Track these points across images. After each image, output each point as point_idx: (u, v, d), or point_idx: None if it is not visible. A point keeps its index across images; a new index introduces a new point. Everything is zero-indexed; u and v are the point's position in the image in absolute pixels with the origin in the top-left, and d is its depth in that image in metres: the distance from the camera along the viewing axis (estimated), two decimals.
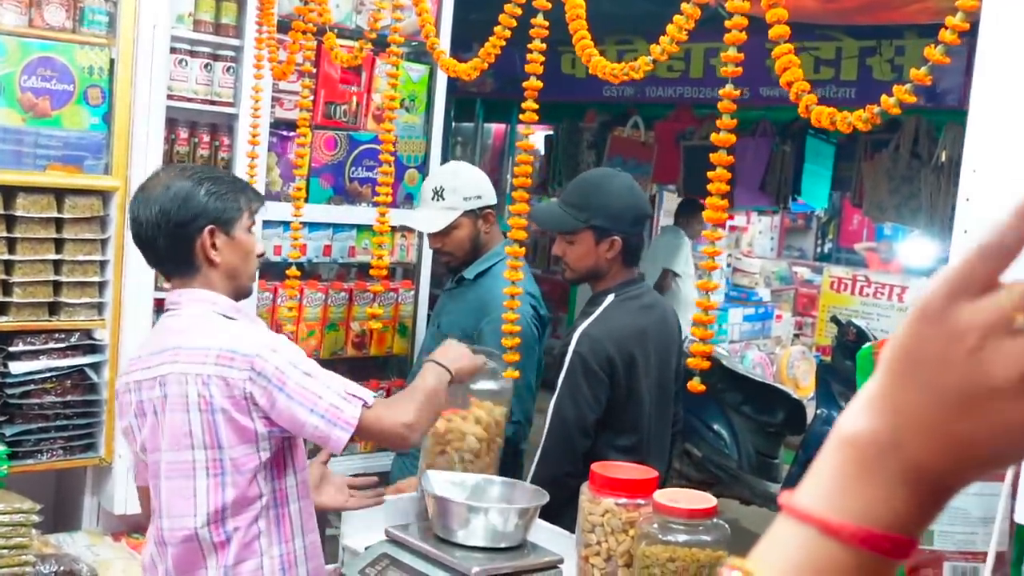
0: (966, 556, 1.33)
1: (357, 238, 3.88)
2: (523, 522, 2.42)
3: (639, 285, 3.15)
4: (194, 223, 2.26)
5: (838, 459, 0.63)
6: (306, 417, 2.16)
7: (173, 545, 2.24)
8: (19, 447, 3.15)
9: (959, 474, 0.60)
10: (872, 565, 0.61)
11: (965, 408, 0.57)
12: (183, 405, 2.19)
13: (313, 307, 3.80)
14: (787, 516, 0.63)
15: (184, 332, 2.25)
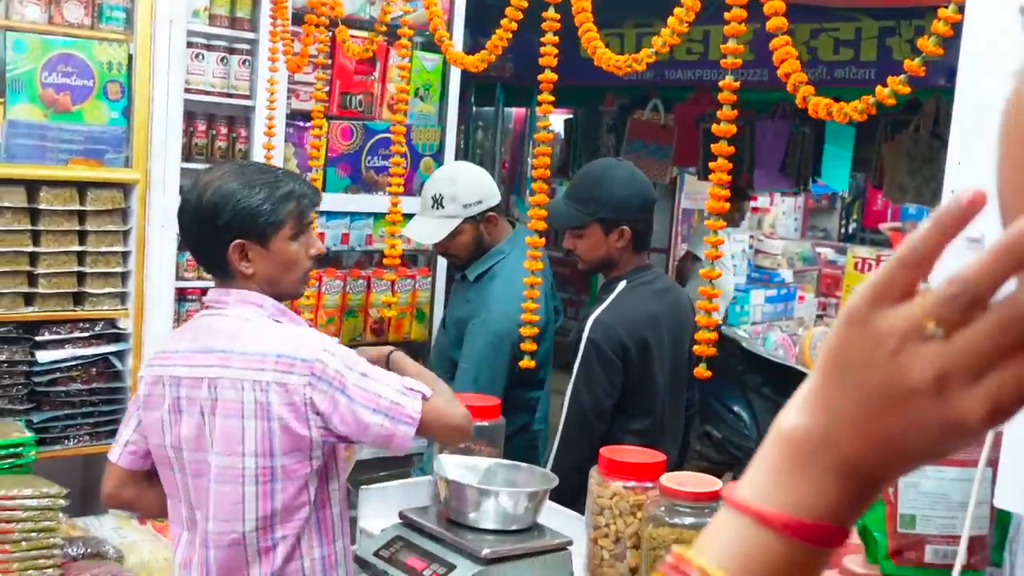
0: (947, 539, 1.37)
1: (374, 226, 3.93)
2: (533, 505, 2.47)
3: (651, 271, 3.19)
4: (224, 234, 2.23)
5: (775, 454, 0.66)
6: (370, 417, 2.15)
7: (219, 548, 2.23)
8: (46, 433, 3.24)
9: (886, 468, 0.64)
10: (803, 554, 0.64)
11: (887, 407, 0.61)
12: (238, 411, 2.17)
13: (332, 294, 3.87)
14: (727, 507, 0.67)
15: (236, 337, 2.22)
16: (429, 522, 2.48)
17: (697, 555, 0.66)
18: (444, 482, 2.50)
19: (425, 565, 2.36)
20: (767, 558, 0.65)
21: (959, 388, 0.59)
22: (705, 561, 0.66)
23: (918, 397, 0.60)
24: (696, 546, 0.68)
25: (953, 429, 0.60)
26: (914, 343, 0.60)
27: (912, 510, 1.37)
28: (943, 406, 0.59)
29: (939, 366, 0.59)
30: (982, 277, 0.58)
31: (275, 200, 2.26)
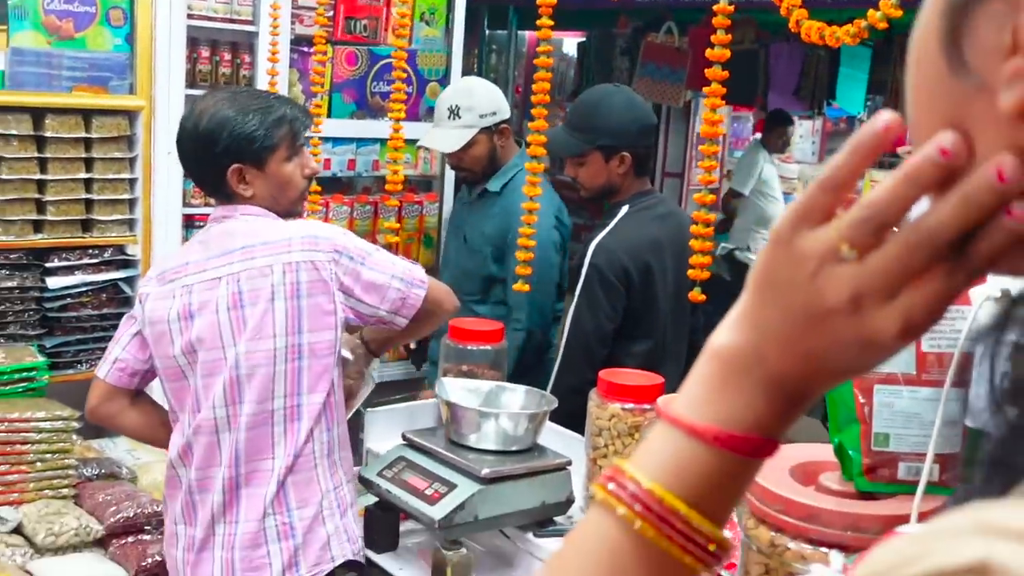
0: (919, 457, 1.40)
1: (381, 152, 3.94)
2: (533, 426, 2.52)
3: (653, 195, 3.20)
4: (221, 159, 2.33)
5: (707, 370, 0.69)
6: (388, 281, 2.35)
7: (249, 429, 2.33)
8: (59, 358, 3.30)
9: (810, 384, 0.66)
10: (733, 465, 0.67)
11: (810, 326, 0.63)
12: (268, 295, 2.29)
13: (339, 220, 3.89)
14: (662, 421, 0.70)
15: (253, 233, 2.34)
16: (431, 443, 2.53)
17: (632, 467, 0.69)
18: (446, 404, 2.54)
19: (427, 484, 2.42)
20: (699, 469, 0.67)
21: (873, 307, 0.61)
22: (639, 472, 0.68)
23: (835, 316, 0.62)
24: (632, 459, 0.70)
25: (869, 346, 0.62)
26: (831, 264, 0.62)
27: (886, 429, 1.39)
28: (859, 325, 0.61)
29: (853, 287, 0.61)
30: (891, 200, 0.60)
31: (268, 124, 2.35)
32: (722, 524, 0.68)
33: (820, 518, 1.38)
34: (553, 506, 2.47)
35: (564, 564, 0.71)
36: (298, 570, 2.36)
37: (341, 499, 2.43)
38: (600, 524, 0.69)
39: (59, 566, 2.69)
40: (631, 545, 0.67)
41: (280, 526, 2.35)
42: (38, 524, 2.75)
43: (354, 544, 2.44)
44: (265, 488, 2.34)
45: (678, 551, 0.67)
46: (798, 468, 1.51)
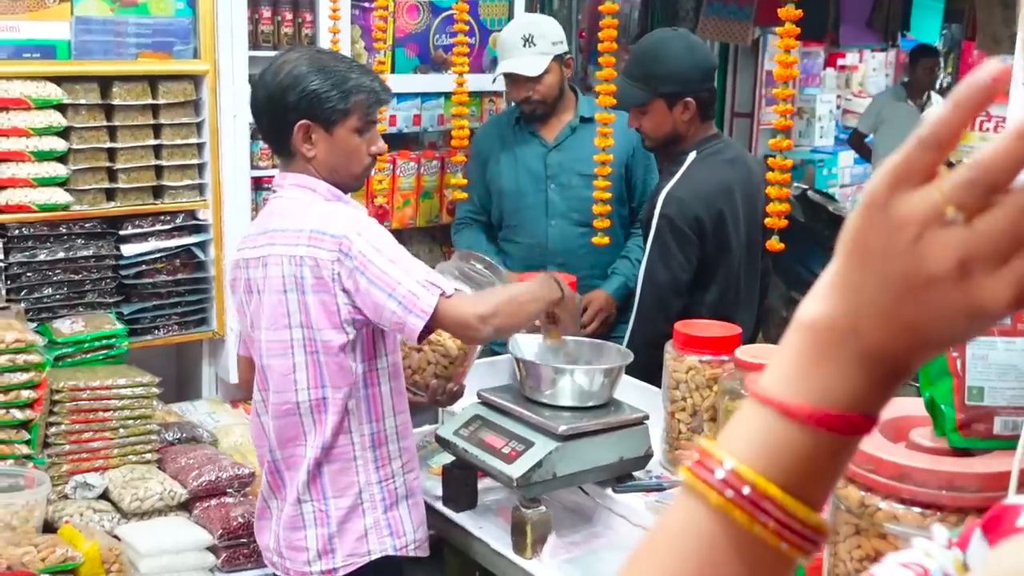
0: (1016, 411, 1.34)
1: (445, 106, 3.90)
2: (609, 381, 2.49)
3: (720, 140, 3.12)
4: (291, 114, 2.30)
5: (797, 344, 0.64)
6: (384, 301, 2.19)
7: (277, 418, 2.36)
8: (137, 324, 3.34)
9: (911, 355, 0.62)
10: (830, 445, 0.63)
11: (911, 296, 0.59)
12: (280, 286, 2.28)
13: (407, 176, 3.87)
14: (751, 400, 0.65)
15: (283, 215, 2.32)
16: (507, 401, 2.51)
17: (722, 450, 0.65)
18: (520, 362, 2.52)
19: (504, 442, 2.41)
20: (793, 451, 0.63)
21: (981, 274, 0.56)
22: (729, 456, 0.64)
23: (940, 285, 0.58)
24: (721, 440, 0.66)
25: (976, 316, 0.58)
26: (934, 229, 0.57)
27: (980, 382, 1.34)
28: (966, 293, 0.57)
29: (960, 252, 0.56)
30: (1001, 160, 0.55)
31: (346, 89, 2.32)
32: (819, 508, 0.64)
33: (912, 477, 1.33)
34: (631, 461, 2.45)
35: (654, 552, 0.67)
36: (333, 558, 2.37)
37: (389, 492, 2.40)
38: (691, 511, 0.65)
39: (146, 530, 2.74)
40: (724, 533, 0.64)
41: (317, 512, 2.37)
42: (123, 489, 2.80)
43: (399, 538, 2.41)
44: (299, 473, 2.36)
45: (774, 539, 0.63)
46: (888, 424, 1.46)
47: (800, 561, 0.65)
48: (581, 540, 2.42)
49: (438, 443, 2.62)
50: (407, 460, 2.45)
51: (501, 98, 4.01)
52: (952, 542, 0.83)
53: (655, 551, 0.67)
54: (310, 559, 2.39)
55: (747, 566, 0.64)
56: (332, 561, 2.38)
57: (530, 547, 2.34)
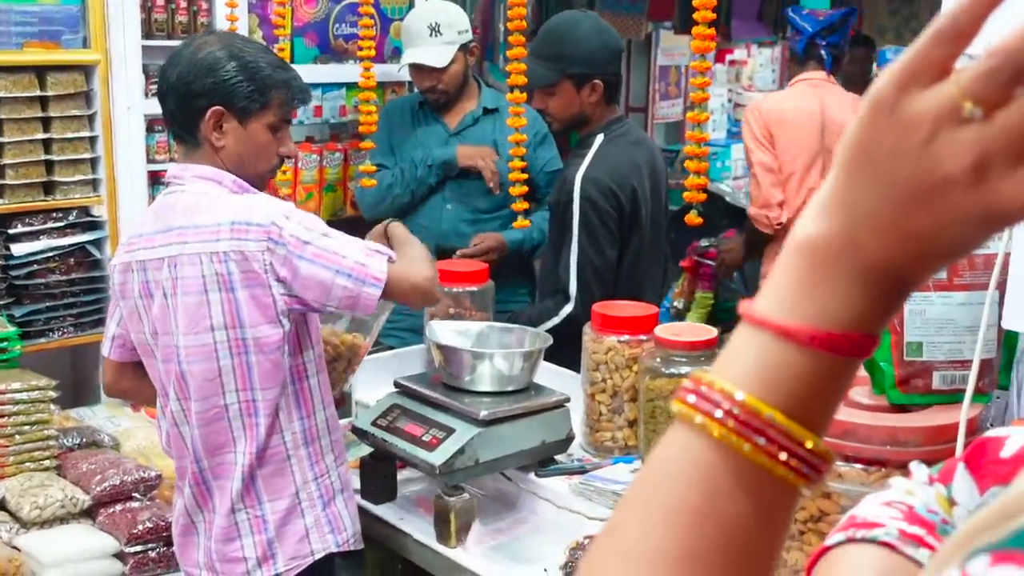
0: (954, 365, 1.34)
1: (347, 96, 3.83)
2: (528, 365, 2.46)
3: (624, 123, 3.12)
4: (203, 98, 2.18)
5: (794, 264, 0.61)
6: (332, 279, 2.09)
7: (202, 426, 2.22)
8: (30, 327, 3.19)
9: (916, 268, 0.59)
10: (831, 367, 0.59)
11: (920, 201, 0.56)
12: (199, 287, 2.14)
13: (309, 169, 3.79)
14: (746, 325, 0.62)
15: (191, 211, 2.17)
16: (425, 388, 2.46)
17: (716, 377, 0.61)
18: (438, 348, 2.47)
19: (424, 430, 2.36)
20: (794, 375, 0.59)
21: (1001, 173, 0.53)
22: (727, 383, 0.60)
23: (954, 187, 0.54)
24: (715, 368, 0.62)
25: (993, 218, 0.55)
26: (950, 127, 0.54)
27: (919, 337, 1.34)
28: (983, 194, 0.54)
29: (978, 150, 0.53)
30: None
31: (267, 82, 2.21)
32: (823, 433, 0.61)
33: (856, 434, 1.32)
34: (553, 444, 2.42)
35: (648, 493, 0.62)
36: (275, 563, 2.27)
37: (325, 488, 2.31)
38: (686, 444, 0.61)
39: (48, 539, 2.61)
40: (724, 464, 0.59)
41: (252, 520, 2.25)
42: (22, 498, 2.66)
43: (340, 534, 2.33)
44: (231, 482, 2.24)
45: (781, 468, 0.59)
46: None
47: (805, 491, 0.61)
48: (506, 526, 2.38)
49: (354, 435, 2.56)
50: (339, 453, 2.37)
51: (404, 88, 3.95)
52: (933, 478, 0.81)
53: (649, 492, 0.62)
54: (249, 568, 2.27)
55: (752, 500, 0.60)
56: (274, 567, 2.27)
57: (454, 535, 2.29)
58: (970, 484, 0.77)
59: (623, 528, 0.63)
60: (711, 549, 0.60)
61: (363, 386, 2.86)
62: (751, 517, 0.60)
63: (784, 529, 0.63)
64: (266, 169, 2.29)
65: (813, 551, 0.80)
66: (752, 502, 0.60)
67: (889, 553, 0.75)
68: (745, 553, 0.60)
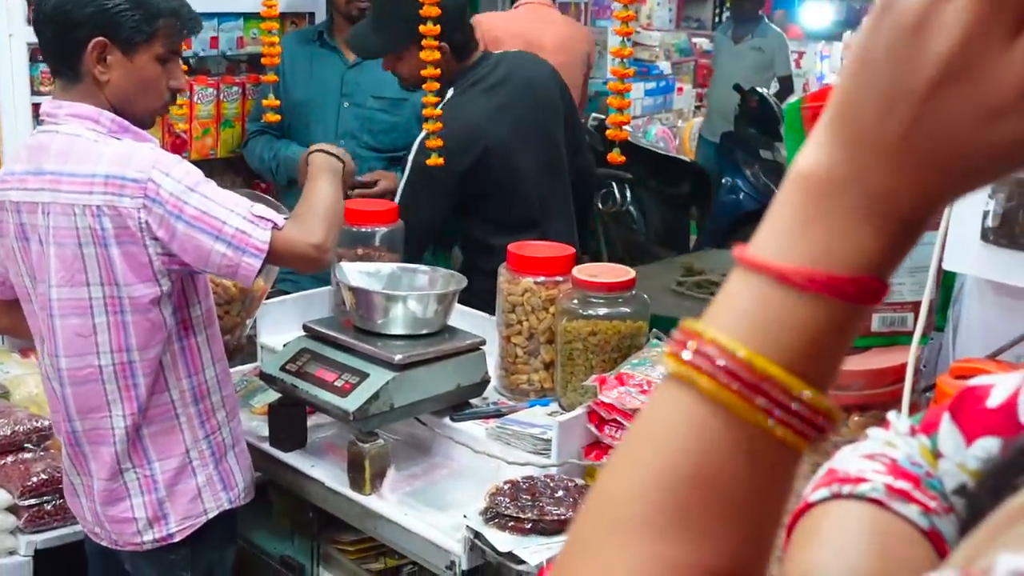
0: (894, 307, 1.33)
1: (245, 27, 3.66)
2: (443, 308, 2.40)
3: (478, 68, 3.04)
4: (83, 28, 2.02)
5: (793, 199, 0.54)
6: (211, 245, 2.00)
7: (74, 385, 2.12)
8: None
9: (929, 194, 0.52)
10: (835, 314, 0.53)
11: (925, 99, 0.49)
12: (74, 238, 2.02)
13: (205, 104, 3.62)
14: (740, 268, 0.55)
15: (64, 156, 2.04)
16: (336, 332, 2.39)
17: (708, 328, 0.55)
18: (349, 290, 2.39)
19: (336, 375, 2.29)
20: (793, 323, 0.53)
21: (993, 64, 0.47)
22: (719, 333, 0.54)
23: (949, 81, 0.48)
24: (707, 317, 0.56)
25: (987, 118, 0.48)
26: (940, 7, 0.47)
27: None
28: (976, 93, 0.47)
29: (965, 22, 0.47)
30: None
31: (152, 10, 2.07)
32: (826, 389, 0.55)
33: None
34: (468, 388, 2.38)
35: (636, 454, 0.57)
36: (167, 523, 2.21)
37: (217, 445, 2.25)
38: (678, 402, 0.55)
39: None
40: (719, 424, 0.54)
41: (142, 479, 2.18)
42: None
43: (232, 491, 2.28)
44: (112, 447, 2.15)
45: (781, 428, 0.53)
46: None
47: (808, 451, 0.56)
48: (421, 472, 2.34)
49: (262, 380, 2.47)
50: (230, 408, 2.30)
51: (304, 20, 3.80)
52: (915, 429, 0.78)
53: (638, 453, 0.57)
54: (140, 528, 2.20)
55: (749, 462, 0.54)
56: (166, 527, 2.21)
57: (369, 482, 2.23)
58: (956, 435, 0.74)
59: (612, 493, 0.57)
60: (707, 514, 0.54)
61: (268, 330, 2.77)
62: (749, 480, 0.54)
63: (786, 491, 0.57)
64: (156, 105, 2.17)
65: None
66: (750, 464, 0.54)
67: (878, 510, 0.72)
68: (744, 518, 0.55)
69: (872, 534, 0.70)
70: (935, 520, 0.72)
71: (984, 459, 0.70)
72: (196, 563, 2.26)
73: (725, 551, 0.54)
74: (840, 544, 0.70)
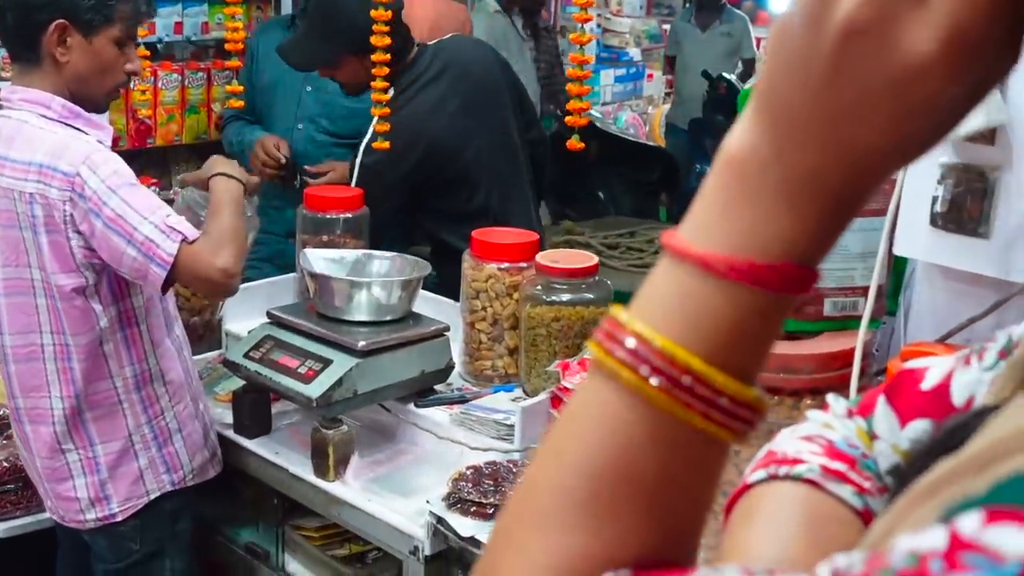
0: (845, 292, 1.35)
1: (210, 13, 3.65)
2: (407, 294, 2.40)
3: (416, 65, 3.03)
4: (43, 11, 2.08)
5: (719, 182, 0.52)
6: (123, 248, 2.03)
7: (18, 362, 2.19)
8: None
9: (850, 173, 0.50)
10: (760, 302, 0.51)
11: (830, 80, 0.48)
12: (14, 221, 2.09)
13: (170, 90, 3.61)
14: (666, 255, 0.54)
15: (10, 141, 2.10)
16: (299, 319, 2.39)
17: (632, 317, 0.53)
18: (312, 277, 2.40)
19: (299, 362, 2.29)
20: (715, 313, 0.51)
21: (903, 20, 0.45)
22: (641, 324, 0.53)
23: (856, 49, 0.46)
24: (633, 307, 0.55)
25: (905, 82, 0.46)
26: None
27: None
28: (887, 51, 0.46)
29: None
30: None
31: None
32: (752, 380, 0.53)
33: None
34: (432, 374, 2.38)
35: (560, 444, 0.56)
36: (109, 504, 2.26)
37: (160, 429, 2.29)
38: (601, 393, 0.54)
39: None
40: (638, 415, 0.52)
41: (84, 460, 2.24)
42: None
43: (176, 473, 2.32)
44: (50, 427, 2.20)
45: (700, 419, 0.52)
46: None
47: (734, 444, 0.54)
48: (385, 458, 2.34)
49: (226, 367, 2.47)
50: (174, 392, 2.32)
51: (269, 5, 3.79)
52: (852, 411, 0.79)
53: (561, 444, 0.56)
54: (82, 508, 2.25)
55: (670, 453, 0.53)
56: (107, 507, 2.26)
57: (333, 469, 2.24)
58: (891, 417, 0.75)
59: (535, 484, 0.57)
60: (629, 507, 0.53)
61: (233, 317, 2.76)
62: (671, 472, 0.53)
63: (711, 482, 0.56)
64: (112, 86, 2.22)
65: None
66: (671, 457, 0.53)
67: (813, 490, 0.73)
68: (668, 509, 0.54)
69: (805, 514, 0.71)
70: (869, 500, 0.73)
71: (915, 440, 0.72)
72: (145, 536, 2.31)
73: (648, 542, 0.53)
74: (774, 523, 0.71)
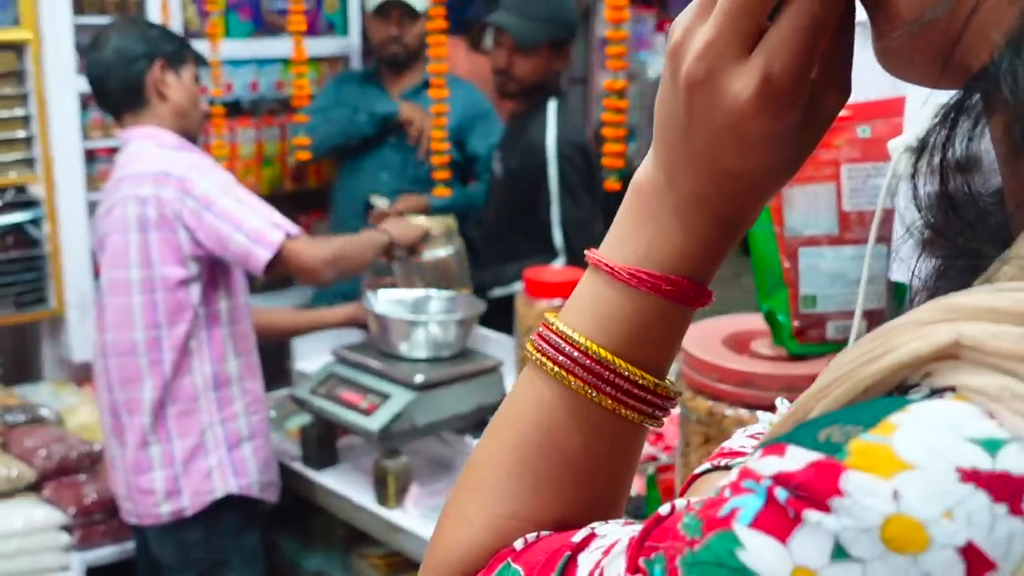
0: (846, 316, 1.43)
1: (283, 71, 3.84)
2: (463, 331, 2.52)
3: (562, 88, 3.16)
4: (145, 56, 2.44)
5: (629, 207, 0.63)
6: (231, 234, 2.32)
7: (116, 356, 2.41)
8: None
9: (727, 199, 0.59)
10: (660, 307, 0.61)
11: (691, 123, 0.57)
12: (123, 227, 2.36)
13: (246, 144, 3.81)
14: (589, 267, 0.64)
15: (126, 164, 2.42)
16: (362, 356, 2.52)
17: (558, 320, 0.64)
18: (374, 317, 2.53)
19: (361, 397, 2.42)
20: (621, 315, 0.61)
21: (727, 70, 0.55)
22: (563, 323, 0.63)
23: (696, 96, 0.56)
24: (562, 310, 0.65)
25: (734, 124, 0.55)
26: (690, 40, 0.57)
27: (812, 290, 1.42)
28: (716, 97, 0.56)
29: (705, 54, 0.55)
30: None
31: (179, 38, 2.60)
32: (659, 373, 0.63)
33: (755, 383, 1.40)
34: (488, 408, 2.49)
35: (499, 428, 0.66)
36: (180, 497, 2.44)
37: (231, 432, 2.47)
38: (533, 382, 0.64)
39: None
40: (562, 402, 0.63)
41: (164, 454, 2.43)
42: None
43: (243, 478, 2.48)
44: (141, 417, 2.41)
45: (608, 401, 0.62)
46: (730, 338, 1.53)
47: (648, 427, 0.64)
48: (443, 488, 2.45)
49: (295, 403, 2.62)
50: (250, 401, 2.51)
51: (340, 64, 3.98)
52: None
53: (500, 428, 0.66)
54: (158, 500, 2.43)
55: (590, 433, 0.63)
56: (180, 501, 2.44)
57: (393, 497, 2.36)
58: None
59: (477, 460, 0.67)
60: (554, 478, 0.63)
61: (304, 356, 2.91)
62: (588, 451, 0.63)
63: (630, 460, 0.66)
64: (200, 115, 2.59)
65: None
66: (590, 435, 0.63)
67: None
68: (587, 481, 0.64)
69: None
70: None
71: None
72: (211, 544, 2.46)
73: (571, 510, 0.63)
74: None
